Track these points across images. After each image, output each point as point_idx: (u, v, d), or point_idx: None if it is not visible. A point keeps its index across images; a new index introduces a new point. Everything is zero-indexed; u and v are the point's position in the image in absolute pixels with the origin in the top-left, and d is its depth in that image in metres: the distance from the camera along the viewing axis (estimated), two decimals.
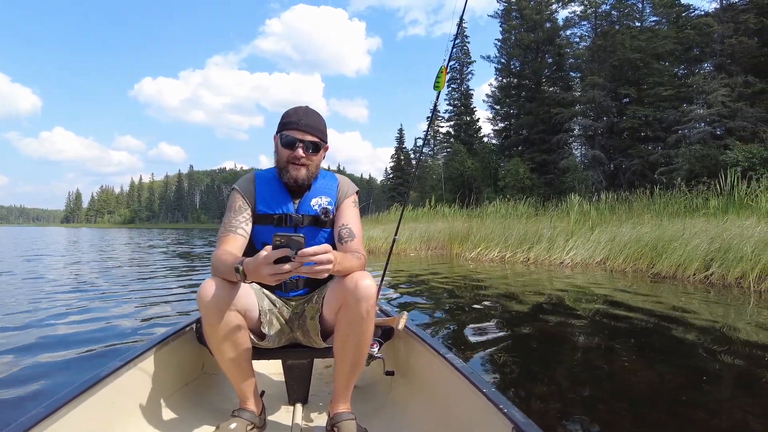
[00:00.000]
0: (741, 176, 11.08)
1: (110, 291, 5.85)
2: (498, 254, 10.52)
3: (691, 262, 6.70)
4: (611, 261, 8.29)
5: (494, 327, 3.96)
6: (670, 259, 7.05)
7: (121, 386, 1.50)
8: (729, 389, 2.60)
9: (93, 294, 5.59)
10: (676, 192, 11.07)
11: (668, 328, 3.93)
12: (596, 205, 11.73)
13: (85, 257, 12.05)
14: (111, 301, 5.09)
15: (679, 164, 19.33)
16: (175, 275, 7.88)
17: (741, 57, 21.09)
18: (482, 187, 29.13)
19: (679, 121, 21.29)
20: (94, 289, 6.04)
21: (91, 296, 5.42)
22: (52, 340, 3.38)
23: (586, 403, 2.36)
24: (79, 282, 6.75)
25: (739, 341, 3.50)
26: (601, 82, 25.01)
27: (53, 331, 3.66)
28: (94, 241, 24.04)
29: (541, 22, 29.74)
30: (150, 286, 6.43)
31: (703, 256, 6.66)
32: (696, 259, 6.68)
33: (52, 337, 3.47)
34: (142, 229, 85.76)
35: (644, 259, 7.70)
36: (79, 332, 3.63)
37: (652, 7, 26.44)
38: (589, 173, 24.35)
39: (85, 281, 6.84)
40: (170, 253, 13.66)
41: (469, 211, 16.46)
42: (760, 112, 19.18)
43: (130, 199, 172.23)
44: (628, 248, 8.14)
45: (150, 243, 20.88)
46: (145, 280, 7.17)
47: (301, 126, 1.60)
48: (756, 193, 8.87)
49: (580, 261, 8.78)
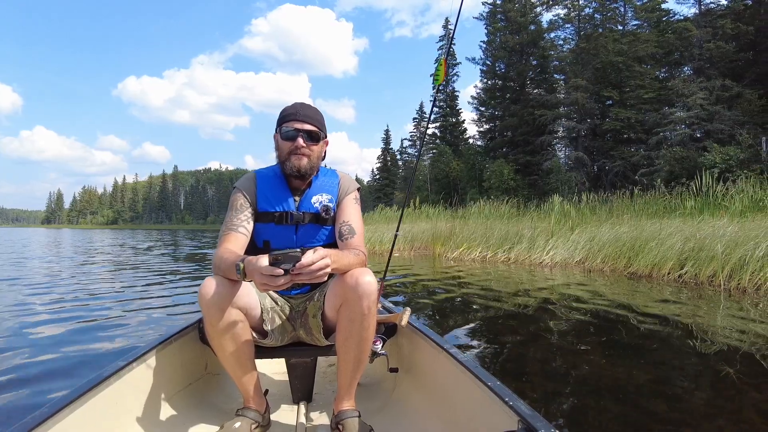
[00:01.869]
0: (718, 178, 11.33)
1: (110, 291, 5.83)
2: (479, 254, 10.59)
3: (666, 261, 6.82)
4: (590, 261, 8.39)
5: (467, 326, 3.98)
6: (646, 259, 7.17)
7: (124, 386, 1.50)
8: (695, 384, 2.65)
9: (92, 294, 5.57)
10: (656, 193, 11.26)
11: (639, 325, 3.99)
12: (576, 206, 11.88)
13: (80, 258, 11.84)
14: (111, 301, 5.07)
15: (659, 166, 19.65)
16: (174, 275, 7.81)
17: (719, 61, 21.55)
18: (467, 188, 29.27)
19: (660, 123, 21.65)
20: (93, 289, 6.01)
21: (90, 296, 5.40)
22: (52, 341, 3.36)
23: (555, 397, 2.39)
24: (75, 283, 6.69)
25: (708, 338, 3.57)
26: (584, 85, 25.30)
27: (52, 332, 3.64)
28: (80, 242, 23.62)
29: (526, 25, 29.98)
30: (149, 285, 6.39)
31: (678, 255, 6.78)
32: (671, 259, 6.79)
33: (52, 338, 3.45)
34: (126, 230, 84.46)
35: (622, 258, 7.80)
36: (79, 332, 3.61)
37: (634, 11, 26.86)
38: (572, 174, 24.61)
39: (82, 282, 6.78)
40: (165, 254, 13.48)
41: (454, 212, 16.53)
42: (736, 116, 19.60)
43: (113, 200, 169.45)
44: (606, 248, 8.25)
45: (145, 245, 20.58)
46: (145, 280, 7.12)
47: (299, 117, 1.63)
48: (731, 194, 9.06)
49: (560, 261, 8.88)
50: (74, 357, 2.97)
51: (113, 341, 3.36)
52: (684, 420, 2.13)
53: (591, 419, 2.14)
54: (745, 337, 3.55)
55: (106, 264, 10.25)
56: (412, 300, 5.46)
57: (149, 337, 3.39)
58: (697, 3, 23.75)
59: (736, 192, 9.03)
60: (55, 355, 3.02)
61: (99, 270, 8.87)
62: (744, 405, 2.29)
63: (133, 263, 10.37)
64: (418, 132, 45.60)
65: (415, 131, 46.13)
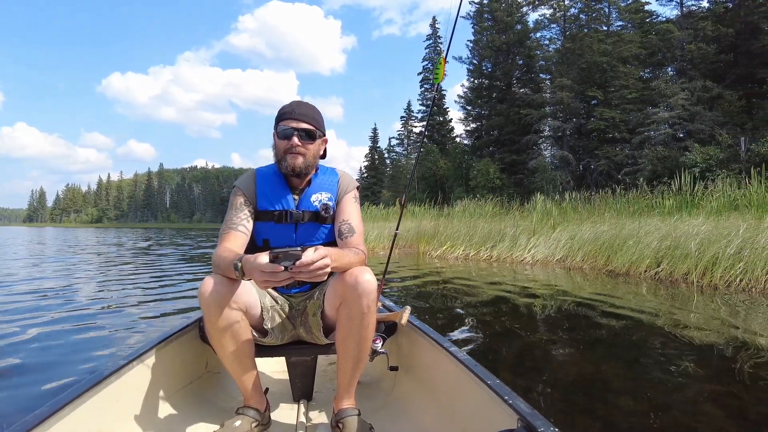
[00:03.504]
0: (699, 177, 11.53)
1: (107, 292, 5.77)
2: (462, 252, 10.64)
3: (643, 259, 6.92)
4: (570, 259, 8.49)
5: (444, 321, 4.00)
6: (624, 257, 7.26)
7: (124, 385, 1.50)
8: (659, 378, 2.69)
9: (90, 294, 5.52)
10: (639, 192, 11.42)
11: (611, 322, 4.04)
12: (558, 205, 11.99)
13: (74, 259, 11.66)
14: (109, 302, 5.02)
15: (643, 165, 19.95)
16: (173, 274, 7.75)
17: (700, 63, 21.93)
18: (454, 187, 29.43)
19: (643, 123, 21.97)
20: (90, 289, 5.96)
21: (89, 296, 5.36)
22: (51, 341, 3.33)
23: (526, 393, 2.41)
24: (70, 283, 6.62)
25: (675, 334, 3.63)
26: (569, 84, 25.57)
27: (51, 330, 3.62)
28: (73, 241, 23.25)
29: (512, 24, 30.18)
30: (148, 285, 6.34)
31: (655, 253, 6.88)
32: (648, 257, 6.90)
33: (52, 338, 3.43)
34: (111, 228, 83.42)
35: (601, 256, 7.90)
36: (79, 332, 3.58)
37: (618, 12, 27.19)
38: (557, 173, 24.85)
39: (81, 282, 6.71)
40: (162, 254, 13.33)
41: (439, 211, 16.61)
42: (717, 116, 19.96)
43: (97, 198, 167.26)
44: (586, 246, 8.34)
45: (141, 244, 20.34)
46: (144, 279, 7.06)
47: (295, 115, 1.62)
48: (707, 193, 9.22)
49: (541, 259, 8.96)
50: (74, 356, 2.96)
51: (113, 341, 3.35)
52: (646, 412, 2.17)
53: (558, 411, 2.17)
54: (711, 333, 3.62)
55: (105, 264, 10.12)
56: (403, 298, 5.48)
57: (149, 335, 3.38)
58: (679, 5, 24.13)
59: (713, 191, 9.20)
60: (55, 354, 3.01)
61: (97, 270, 8.75)
62: (701, 397, 2.34)
63: (131, 263, 10.26)
64: (406, 131, 45.68)
65: (403, 130, 46.22)
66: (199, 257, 11.69)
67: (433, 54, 40.23)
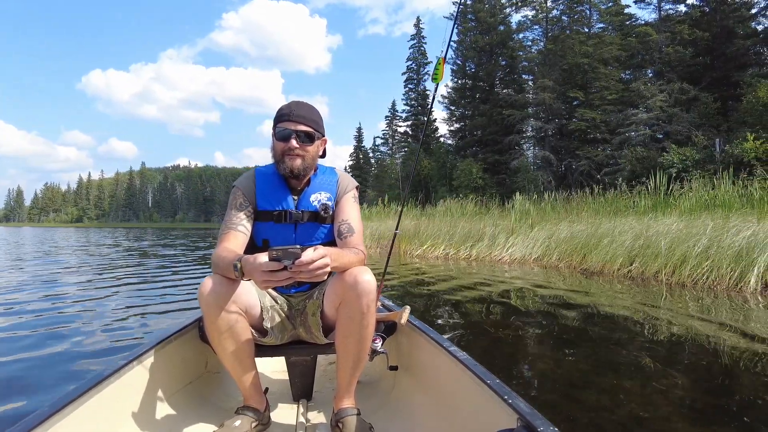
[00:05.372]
0: (675, 177, 11.75)
1: (106, 290, 5.73)
2: (443, 251, 10.71)
3: (617, 258, 7.05)
4: (547, 258, 8.60)
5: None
6: (599, 256, 7.39)
7: (124, 385, 1.50)
8: (620, 373, 2.76)
9: (88, 293, 5.48)
10: (617, 192, 11.60)
11: (583, 319, 4.12)
12: (537, 204, 12.14)
13: (76, 258, 11.43)
14: (108, 301, 4.98)
15: (622, 165, 20.28)
16: (173, 273, 7.70)
17: (677, 65, 22.37)
18: (438, 187, 29.56)
19: (623, 124, 22.33)
20: (92, 288, 5.94)
21: (87, 296, 5.32)
22: (50, 341, 3.30)
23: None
24: (74, 282, 6.56)
25: (639, 330, 3.71)
26: (551, 85, 25.86)
27: (51, 331, 3.60)
28: (65, 242, 22.78)
29: (495, 25, 30.41)
30: (147, 284, 6.30)
31: (628, 252, 7.02)
32: (621, 255, 7.03)
33: (50, 337, 3.41)
34: (92, 228, 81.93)
35: (576, 255, 8.02)
36: (79, 332, 3.55)
37: (599, 15, 27.58)
38: (539, 173, 25.13)
39: (80, 281, 6.65)
40: (159, 254, 13.14)
41: (422, 210, 16.68)
42: (693, 118, 20.38)
43: (77, 197, 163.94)
44: (562, 245, 8.47)
45: (135, 244, 20.00)
46: (143, 278, 7.00)
47: (293, 117, 1.62)
48: (681, 193, 9.41)
49: (518, 258, 9.07)
50: (74, 356, 2.95)
51: (113, 340, 3.34)
52: (607, 407, 2.22)
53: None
54: (675, 329, 3.71)
55: (102, 263, 9.95)
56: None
57: (149, 335, 3.38)
58: (657, 9, 24.58)
59: (687, 191, 9.39)
60: (54, 354, 3.00)
61: (95, 269, 8.63)
62: (653, 390, 2.41)
63: (130, 262, 10.11)
64: (390, 130, 45.71)
65: (388, 129, 46.24)
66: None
67: (417, 54, 40.32)
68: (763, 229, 5.70)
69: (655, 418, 2.10)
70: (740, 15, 22.01)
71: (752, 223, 6.06)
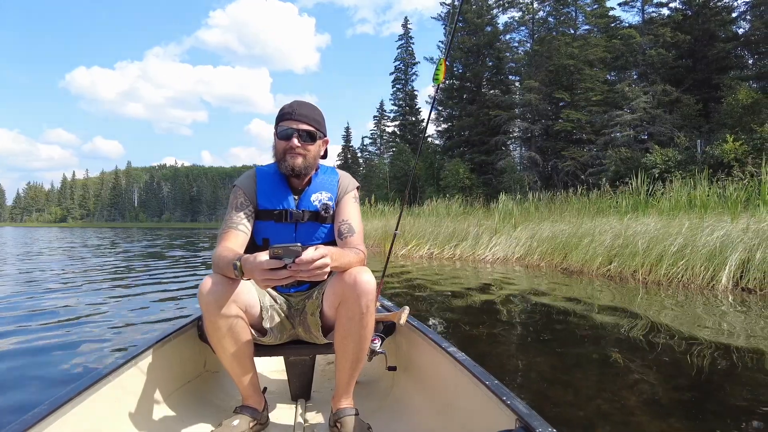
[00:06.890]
0: (658, 178, 11.92)
1: (106, 290, 5.70)
2: (427, 251, 10.77)
3: (596, 257, 7.15)
4: (529, 257, 8.69)
5: None
6: (579, 255, 7.49)
7: (123, 384, 1.49)
8: (587, 370, 2.81)
9: (88, 293, 5.42)
10: (601, 192, 11.74)
11: (558, 317, 4.18)
12: (521, 204, 12.24)
13: (74, 258, 11.24)
14: (108, 301, 4.93)
15: (606, 166, 20.55)
16: (172, 273, 7.63)
17: (660, 67, 22.71)
18: (425, 187, 29.66)
19: (608, 124, 22.60)
20: (91, 288, 5.87)
21: (86, 296, 5.25)
22: (50, 340, 3.28)
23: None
24: (67, 281, 6.50)
25: (611, 328, 3.78)
26: (537, 86, 26.08)
27: (50, 330, 3.57)
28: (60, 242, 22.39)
29: (482, 26, 30.59)
30: (147, 284, 6.25)
31: (608, 251, 7.12)
32: (601, 255, 7.13)
33: (49, 337, 3.37)
34: (76, 228, 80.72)
35: (557, 254, 8.12)
36: (79, 332, 3.52)
37: (585, 17, 27.89)
38: (525, 174, 25.33)
39: (79, 281, 6.57)
40: (156, 253, 12.98)
41: (408, 210, 16.73)
42: (675, 119, 20.72)
43: (61, 197, 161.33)
44: (544, 245, 8.56)
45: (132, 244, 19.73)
46: (142, 278, 6.95)
47: (295, 116, 1.62)
48: (662, 193, 9.56)
49: (501, 257, 9.15)
50: (74, 355, 2.94)
51: (112, 339, 3.32)
52: (574, 402, 2.27)
53: None
54: (648, 327, 3.78)
55: (101, 262, 9.83)
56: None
57: (148, 334, 3.35)
58: (640, 11, 24.92)
59: (667, 191, 9.54)
60: (53, 354, 2.99)
61: (94, 268, 8.53)
62: (623, 385, 2.46)
63: (129, 262, 9.99)
64: (379, 130, 45.74)
65: (376, 129, 46.26)
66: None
67: (405, 55, 40.40)
68: (735, 229, 5.82)
69: (621, 412, 2.15)
70: (721, 18, 22.43)
71: (726, 222, 6.19)
